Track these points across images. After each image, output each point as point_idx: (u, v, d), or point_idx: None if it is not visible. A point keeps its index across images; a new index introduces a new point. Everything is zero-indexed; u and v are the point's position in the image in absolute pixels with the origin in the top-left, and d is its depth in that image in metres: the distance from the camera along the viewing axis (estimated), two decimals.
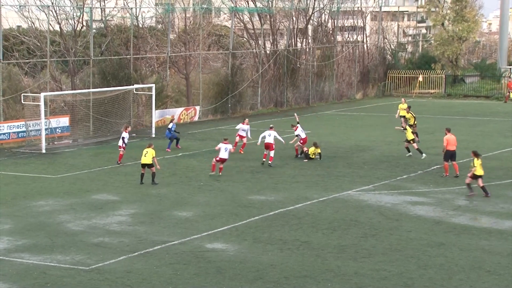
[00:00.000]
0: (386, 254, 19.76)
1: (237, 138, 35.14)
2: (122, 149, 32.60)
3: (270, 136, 32.43)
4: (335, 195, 26.63)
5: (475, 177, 26.03)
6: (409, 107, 40.10)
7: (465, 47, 68.47)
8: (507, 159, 33.53)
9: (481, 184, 26.19)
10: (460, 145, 37.50)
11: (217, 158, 29.83)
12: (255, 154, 35.05)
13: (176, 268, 18.59)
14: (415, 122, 38.67)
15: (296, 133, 33.91)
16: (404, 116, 40.53)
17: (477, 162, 25.98)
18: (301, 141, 33.72)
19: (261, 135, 33.11)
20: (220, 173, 29.77)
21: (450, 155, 29.45)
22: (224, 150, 29.65)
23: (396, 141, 37.52)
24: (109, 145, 38.21)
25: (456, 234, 21.70)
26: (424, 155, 33.30)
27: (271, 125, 34.79)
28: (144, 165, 28.45)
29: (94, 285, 17.45)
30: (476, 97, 61.47)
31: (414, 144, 33.53)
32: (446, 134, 29.90)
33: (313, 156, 33.11)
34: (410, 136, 33.51)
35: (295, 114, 36.81)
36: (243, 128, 35.41)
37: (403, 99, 43.71)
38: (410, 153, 33.55)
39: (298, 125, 34.13)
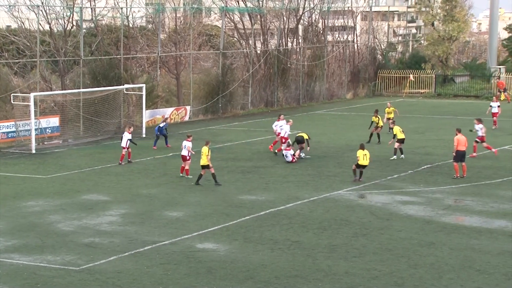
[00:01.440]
0: (377, 253, 19.81)
1: (277, 137, 34.99)
2: (125, 150, 32.54)
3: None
4: (326, 194, 26.67)
5: (359, 166, 28.45)
6: (376, 111, 39.46)
7: (455, 47, 68.67)
8: (497, 159, 33.66)
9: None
10: (450, 145, 37.62)
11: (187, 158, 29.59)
12: (246, 155, 35.09)
13: (167, 268, 18.57)
14: (381, 125, 38.56)
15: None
16: (389, 119, 40.68)
17: (361, 153, 28.18)
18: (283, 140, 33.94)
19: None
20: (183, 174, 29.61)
21: (461, 156, 29.20)
22: (184, 147, 29.44)
23: (386, 141, 37.58)
24: (100, 145, 38.14)
25: (446, 233, 21.77)
26: (395, 157, 33.10)
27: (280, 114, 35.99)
28: (203, 167, 27.99)
29: (84, 286, 17.41)
30: (466, 96, 61.67)
31: (396, 143, 33.36)
32: (456, 134, 29.66)
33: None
34: (401, 135, 33.41)
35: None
36: (279, 124, 35.30)
37: (388, 103, 43.59)
38: (402, 155, 33.42)
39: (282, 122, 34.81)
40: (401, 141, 33.37)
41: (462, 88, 63.66)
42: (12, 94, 38.34)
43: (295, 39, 59.43)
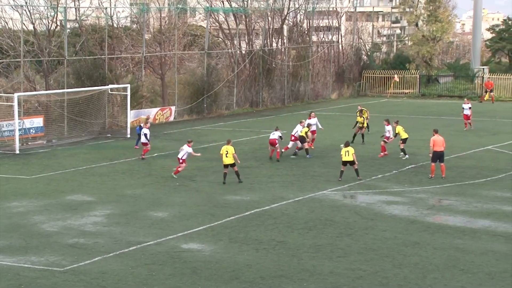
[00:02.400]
0: (362, 253, 19.87)
1: (310, 135, 35.15)
2: (146, 146, 33.36)
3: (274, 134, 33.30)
4: (311, 194, 26.72)
5: (345, 163, 28.96)
6: (360, 111, 39.69)
7: (439, 47, 69.04)
8: (481, 159, 33.87)
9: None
10: None
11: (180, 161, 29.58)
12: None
13: (152, 269, 18.54)
14: (365, 126, 38.73)
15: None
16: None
17: (343, 150, 28.88)
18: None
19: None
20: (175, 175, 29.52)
21: (437, 156, 29.25)
22: (184, 150, 29.46)
23: (371, 141, 37.73)
24: (84, 146, 38.00)
25: (431, 233, 21.88)
26: (407, 156, 33.32)
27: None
28: (227, 165, 28.19)
29: (69, 287, 17.34)
30: (450, 97, 61.99)
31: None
32: (433, 135, 29.71)
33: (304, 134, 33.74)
34: (404, 134, 33.35)
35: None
36: (311, 122, 35.50)
37: (359, 106, 43.87)
38: (407, 156, 33.35)
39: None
40: (404, 140, 33.46)
41: (446, 88, 64.00)
42: None
43: (280, 39, 59.49)
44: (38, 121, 39.98)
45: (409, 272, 18.37)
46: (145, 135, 33.65)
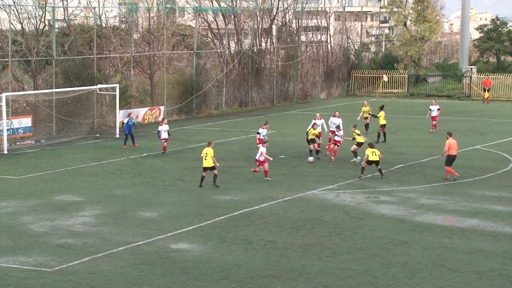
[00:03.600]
0: (351, 253, 19.92)
1: (331, 135, 34.95)
2: (164, 141, 34.08)
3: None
4: (300, 194, 26.75)
5: (370, 163, 29.04)
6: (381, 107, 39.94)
7: (427, 47, 69.26)
8: (469, 158, 34.01)
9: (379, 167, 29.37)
10: (422, 144, 38.04)
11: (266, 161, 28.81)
12: (220, 155, 35.07)
13: (141, 269, 18.51)
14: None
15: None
16: (367, 118, 41.04)
17: (369, 151, 28.92)
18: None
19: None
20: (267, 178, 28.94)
21: (452, 160, 28.92)
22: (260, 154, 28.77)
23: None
24: (73, 146, 37.88)
25: (419, 232, 21.95)
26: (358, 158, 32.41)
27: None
28: (206, 168, 27.38)
29: (57, 287, 17.29)
30: (438, 96, 62.12)
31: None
32: (447, 138, 29.23)
33: (313, 137, 33.30)
34: (360, 139, 32.08)
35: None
36: (333, 121, 34.92)
37: (365, 102, 43.92)
38: (356, 159, 32.37)
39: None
40: (359, 144, 32.10)
41: (435, 88, 64.22)
42: None
43: (269, 39, 59.52)
44: (27, 121, 39.81)
45: (398, 272, 18.43)
46: (161, 132, 34.23)
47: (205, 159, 27.38)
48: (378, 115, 38.68)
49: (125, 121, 36.63)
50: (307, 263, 19.02)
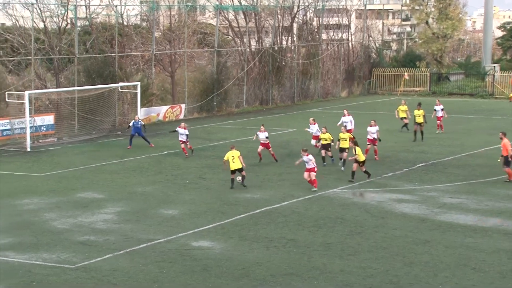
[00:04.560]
0: (372, 251, 19.84)
1: (368, 146, 32.57)
2: (183, 144, 33.49)
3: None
4: (321, 193, 26.68)
5: (358, 162, 28.09)
6: (419, 104, 39.52)
7: (450, 45, 68.79)
8: (491, 157, 33.69)
9: (364, 169, 28.42)
10: (445, 143, 37.79)
11: (315, 170, 27.12)
12: (241, 153, 35.06)
13: (162, 266, 18.56)
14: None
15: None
16: (405, 118, 40.82)
17: (358, 150, 27.88)
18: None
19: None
20: (315, 189, 27.03)
21: (508, 160, 28.00)
22: (309, 161, 27.00)
23: (385, 139, 37.63)
24: (94, 143, 38.07)
25: (441, 231, 21.80)
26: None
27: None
28: (234, 171, 27.19)
29: (80, 284, 17.39)
30: (461, 95, 61.78)
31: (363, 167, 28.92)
32: (502, 138, 28.46)
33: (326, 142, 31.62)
34: (362, 157, 28.50)
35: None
36: (371, 131, 32.73)
37: (403, 101, 43.33)
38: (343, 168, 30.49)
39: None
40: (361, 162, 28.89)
41: (457, 86, 63.79)
42: (6, 92, 38.25)
43: (289, 37, 59.45)
44: (49, 119, 40.11)
45: (420, 271, 18.32)
46: (181, 135, 33.44)
47: (233, 162, 27.19)
48: (415, 114, 38.28)
49: (131, 124, 36.29)
50: (328, 261, 18.97)
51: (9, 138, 37.99)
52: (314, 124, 34.23)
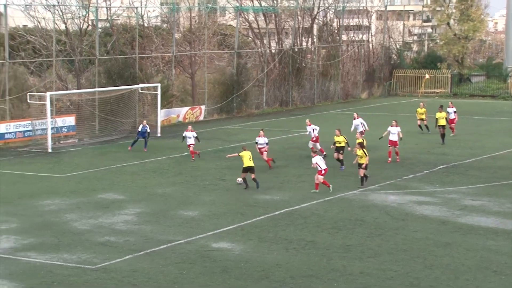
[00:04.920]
0: (392, 253, 19.74)
1: (390, 148, 32.71)
2: (192, 147, 33.35)
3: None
4: (341, 194, 26.61)
5: (360, 165, 27.49)
6: (441, 106, 39.22)
7: (471, 47, 68.32)
8: None
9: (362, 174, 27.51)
10: (466, 145, 37.54)
11: (322, 173, 26.84)
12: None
13: (182, 267, 18.60)
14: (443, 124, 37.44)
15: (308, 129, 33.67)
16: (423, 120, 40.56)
17: (360, 152, 27.38)
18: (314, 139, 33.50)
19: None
20: (330, 187, 26.92)
21: None
22: (320, 160, 27.10)
23: (402, 141, 37.46)
24: (115, 144, 38.25)
25: (462, 234, 21.65)
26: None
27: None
28: (247, 169, 27.40)
29: (100, 284, 17.47)
30: (482, 96, 61.34)
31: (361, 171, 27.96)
32: None
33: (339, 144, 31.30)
34: (364, 160, 27.79)
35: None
36: (392, 131, 32.55)
37: (421, 103, 43.18)
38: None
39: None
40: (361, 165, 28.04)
41: (479, 88, 63.33)
42: (28, 93, 38.54)
43: (309, 39, 59.36)
44: (70, 120, 40.36)
45: (440, 273, 18.21)
46: (187, 137, 33.45)
47: (250, 160, 27.40)
48: (437, 117, 37.96)
49: (140, 129, 36.23)
50: (348, 263, 18.91)
51: (31, 139, 38.28)
52: (310, 125, 34.13)
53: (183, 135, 33.94)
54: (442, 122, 37.63)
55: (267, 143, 32.14)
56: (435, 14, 69.09)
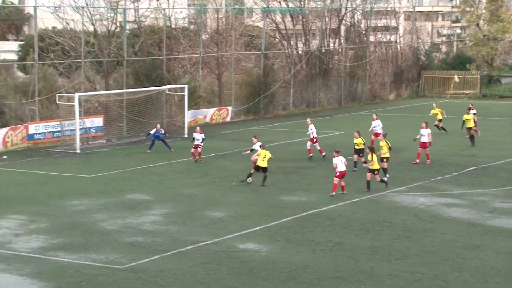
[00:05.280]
0: (420, 256, 19.58)
1: (420, 150, 32.39)
2: (199, 148, 33.31)
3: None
4: (369, 196, 26.45)
5: (372, 171, 26.64)
6: (469, 108, 38.86)
7: (501, 47, 67.61)
8: None
9: (378, 179, 26.89)
10: (496, 147, 37.13)
11: (337, 175, 26.33)
12: (287, 155, 35.05)
13: (209, 268, 18.62)
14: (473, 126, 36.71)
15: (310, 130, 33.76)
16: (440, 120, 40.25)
17: (374, 157, 26.50)
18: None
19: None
20: (344, 191, 26.63)
21: None
22: (340, 162, 26.28)
23: (436, 142, 37.17)
24: (142, 145, 38.42)
25: (492, 236, 21.41)
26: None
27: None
28: (259, 168, 27.69)
29: (128, 284, 17.55)
30: None
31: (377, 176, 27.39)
32: None
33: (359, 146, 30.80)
34: (376, 165, 27.00)
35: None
36: (422, 133, 32.22)
37: (434, 104, 43.08)
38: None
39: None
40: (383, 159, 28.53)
41: (509, 89, 62.66)
42: (57, 94, 38.90)
43: (337, 40, 59.18)
44: (98, 121, 40.66)
45: (469, 276, 18.01)
46: (193, 139, 33.32)
47: (263, 160, 27.68)
48: (464, 119, 37.61)
49: (152, 132, 36.23)
50: (376, 265, 18.78)
51: (60, 140, 38.62)
52: (310, 123, 34.10)
53: (193, 136, 33.72)
54: (470, 124, 37.20)
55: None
56: (465, 14, 68.52)
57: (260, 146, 29.09)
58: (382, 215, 23.80)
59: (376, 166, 26.64)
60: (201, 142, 33.35)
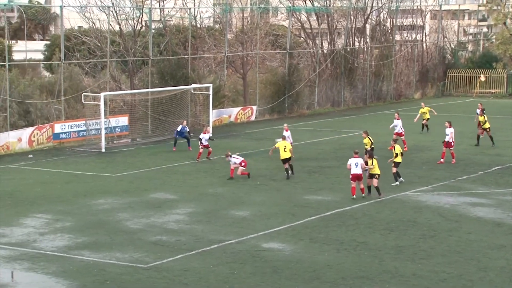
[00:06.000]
0: (445, 255, 19.44)
1: (444, 149, 32.15)
2: (202, 148, 33.28)
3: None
4: (393, 195, 26.33)
5: (372, 176, 25.73)
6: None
7: None
8: None
9: (376, 184, 25.77)
10: None
11: (350, 177, 25.73)
12: (311, 155, 34.98)
13: (233, 267, 18.64)
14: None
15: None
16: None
17: (374, 162, 25.65)
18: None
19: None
20: (364, 194, 25.96)
21: None
22: (355, 164, 25.52)
23: (455, 142, 36.87)
24: (167, 144, 38.57)
25: None
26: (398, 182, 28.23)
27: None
28: (285, 160, 28.80)
29: (152, 283, 17.63)
30: None
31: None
32: None
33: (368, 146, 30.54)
34: (377, 170, 26.04)
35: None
36: (446, 133, 31.89)
37: (422, 103, 43.30)
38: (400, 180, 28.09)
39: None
40: (396, 164, 28.01)
41: None
42: (83, 94, 39.19)
43: (362, 39, 58.93)
44: (123, 120, 40.88)
45: (495, 276, 17.85)
46: (200, 139, 33.26)
47: (285, 151, 28.49)
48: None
49: (179, 129, 36.29)
50: (400, 265, 18.69)
51: (85, 139, 38.91)
52: (399, 119, 34.68)
53: (200, 137, 33.46)
54: (486, 125, 36.67)
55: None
56: (491, 13, 67.86)
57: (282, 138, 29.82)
58: (406, 215, 23.67)
59: (376, 170, 25.74)
60: (205, 142, 33.24)
